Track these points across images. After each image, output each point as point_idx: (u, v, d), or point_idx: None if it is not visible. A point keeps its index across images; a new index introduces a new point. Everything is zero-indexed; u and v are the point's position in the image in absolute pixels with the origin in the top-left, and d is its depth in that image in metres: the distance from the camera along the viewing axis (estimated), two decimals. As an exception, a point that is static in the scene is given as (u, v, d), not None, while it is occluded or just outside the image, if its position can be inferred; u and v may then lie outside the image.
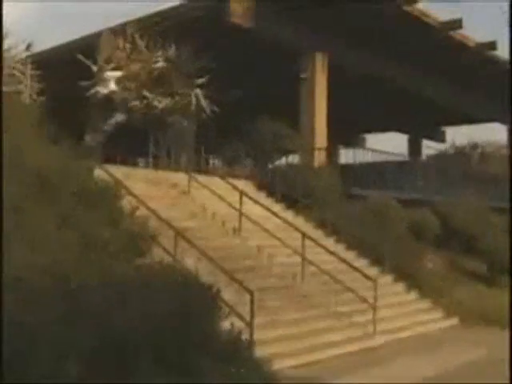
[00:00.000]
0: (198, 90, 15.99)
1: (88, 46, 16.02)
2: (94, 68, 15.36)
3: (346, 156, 19.03)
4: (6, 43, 13.25)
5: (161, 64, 15.68)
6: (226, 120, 17.36)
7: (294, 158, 18.52)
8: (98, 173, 10.90)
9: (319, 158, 17.53)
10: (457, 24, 18.43)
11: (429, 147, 30.01)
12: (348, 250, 13.89)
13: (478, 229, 16.45)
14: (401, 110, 25.96)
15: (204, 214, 13.03)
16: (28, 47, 14.27)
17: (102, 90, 15.09)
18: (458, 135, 29.51)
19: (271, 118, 17.20)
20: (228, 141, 18.27)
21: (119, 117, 15.28)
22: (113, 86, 15.14)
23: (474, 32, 19.92)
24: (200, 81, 15.94)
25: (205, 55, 15.09)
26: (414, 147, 31.11)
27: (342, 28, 16.98)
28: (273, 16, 16.33)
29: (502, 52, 20.16)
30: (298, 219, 14.35)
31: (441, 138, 32.67)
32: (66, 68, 16.19)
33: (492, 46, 20.04)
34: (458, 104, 24.23)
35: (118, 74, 15.18)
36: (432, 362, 9.31)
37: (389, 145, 27.72)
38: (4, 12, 8.86)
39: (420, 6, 17.37)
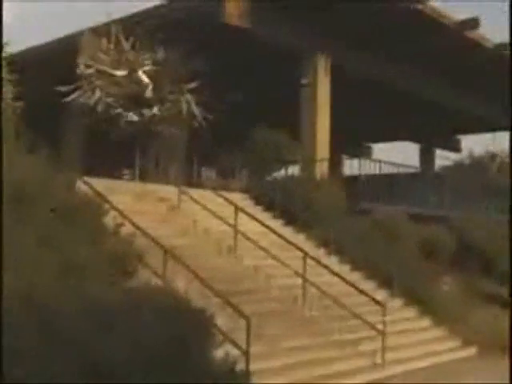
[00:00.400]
0: (189, 96, 16.04)
1: (68, 47, 16.07)
2: (77, 71, 15.40)
3: (351, 167, 19.08)
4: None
5: (148, 67, 15.74)
6: (220, 128, 17.41)
7: (293, 170, 18.58)
8: (80, 186, 10.91)
9: (321, 169, 17.58)
10: (473, 23, 18.49)
11: (442, 157, 30.10)
12: (353, 270, 13.88)
13: (497, 247, 16.43)
14: (412, 116, 26.07)
15: (195, 230, 13.02)
16: (2, 48, 14.30)
17: (85, 96, 15.12)
18: (475, 144, 29.56)
19: (269, 126, 17.26)
20: (222, 151, 18.32)
21: (103, 125, 15.29)
22: (98, 92, 15.18)
23: (493, 32, 20.01)
24: (191, 85, 15.99)
25: (197, 58, 15.14)
26: (427, 157, 31.18)
27: (345, 29, 17.08)
28: (270, 16, 16.42)
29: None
30: (298, 236, 14.36)
31: (456, 148, 32.74)
32: (44, 71, 16.25)
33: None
34: (474, 110, 24.31)
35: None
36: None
37: (398, 155, 27.76)
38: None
39: (433, 4, 17.44)
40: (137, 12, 16.47)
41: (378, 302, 11.12)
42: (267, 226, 13.24)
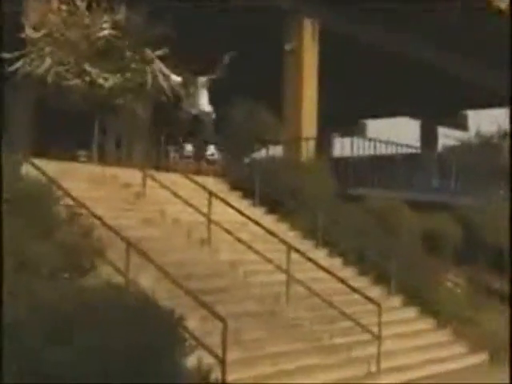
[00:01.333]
0: (155, 65, 15.95)
1: (12, 6, 15.89)
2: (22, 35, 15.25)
3: (343, 147, 19.14)
4: None
5: (107, 31, 15.62)
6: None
7: (276, 150, 18.59)
8: (27, 170, 10.84)
9: (308, 149, 17.61)
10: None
11: (447, 136, 30.26)
12: (345, 265, 13.98)
13: (510, 239, 16.53)
14: (412, 89, 26.13)
15: (164, 220, 13.02)
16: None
17: (33, 65, 14.97)
18: (484, 121, 29.57)
19: (248, 101, 17.24)
20: (194, 129, 18.26)
21: (54, 98, 15.17)
22: (48, 60, 15.04)
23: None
24: (158, 53, 15.90)
25: (164, 21, 15.04)
26: (428, 136, 31.35)
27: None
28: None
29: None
30: (281, 227, 14.42)
31: (462, 125, 32.90)
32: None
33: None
34: (484, 82, 24.40)
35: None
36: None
37: (396, 133, 27.80)
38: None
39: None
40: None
41: (372, 301, 11.19)
42: (246, 215, 13.26)
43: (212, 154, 10.09)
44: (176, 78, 11.08)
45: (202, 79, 16.26)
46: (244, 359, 9.45)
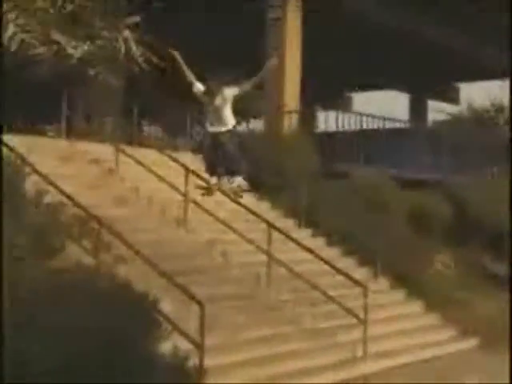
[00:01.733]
0: (127, 33, 15.84)
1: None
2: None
3: (327, 121, 19.13)
4: None
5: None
6: (167, 74, 17.21)
7: (256, 124, 18.56)
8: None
9: (290, 123, 17.59)
10: None
11: (437, 110, 30.29)
12: (329, 245, 14.05)
13: (505, 220, 16.58)
14: (400, 61, 26.11)
15: (137, 198, 13.00)
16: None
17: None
18: (477, 94, 29.55)
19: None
20: (170, 102, 18.17)
21: (18, 69, 15.03)
22: (11, 27, 14.89)
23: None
24: (131, 20, 15.79)
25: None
26: (418, 110, 31.38)
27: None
28: None
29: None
30: (262, 205, 14.47)
31: (454, 98, 32.93)
32: None
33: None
34: (477, 52, 24.40)
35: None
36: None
37: (384, 107, 27.79)
38: None
39: None
40: None
41: (358, 283, 11.26)
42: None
43: (239, 186, 9.56)
44: (200, 87, 9.80)
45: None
46: (222, 344, 9.48)
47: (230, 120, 9.88)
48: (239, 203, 12.90)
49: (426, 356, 11.57)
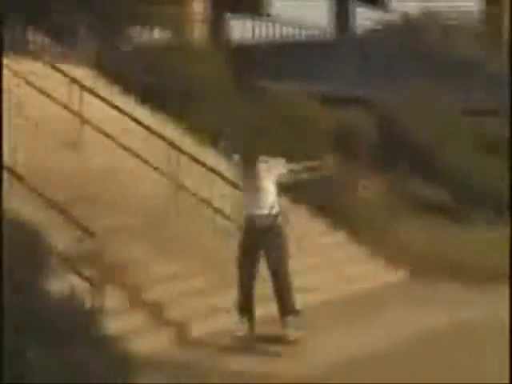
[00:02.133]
0: None
1: None
2: None
3: (242, 31, 18.97)
4: None
5: None
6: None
7: (160, 34, 18.20)
8: None
9: (199, 33, 17.38)
10: None
11: (365, 18, 30.15)
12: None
13: (438, 140, 16.61)
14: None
15: (21, 120, 12.60)
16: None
17: None
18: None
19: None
20: (58, 4, 17.61)
21: None
22: None
23: None
24: None
25: None
26: (342, 18, 31.21)
27: None
28: None
29: None
30: (167, 126, 14.38)
31: (382, 4, 32.76)
32: None
33: None
34: None
35: None
36: (368, 335, 9.48)
37: (305, 14, 27.45)
38: None
39: None
40: None
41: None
42: (126, 113, 13.10)
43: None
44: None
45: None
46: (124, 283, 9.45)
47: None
48: (143, 126, 12.75)
49: (352, 290, 11.60)
